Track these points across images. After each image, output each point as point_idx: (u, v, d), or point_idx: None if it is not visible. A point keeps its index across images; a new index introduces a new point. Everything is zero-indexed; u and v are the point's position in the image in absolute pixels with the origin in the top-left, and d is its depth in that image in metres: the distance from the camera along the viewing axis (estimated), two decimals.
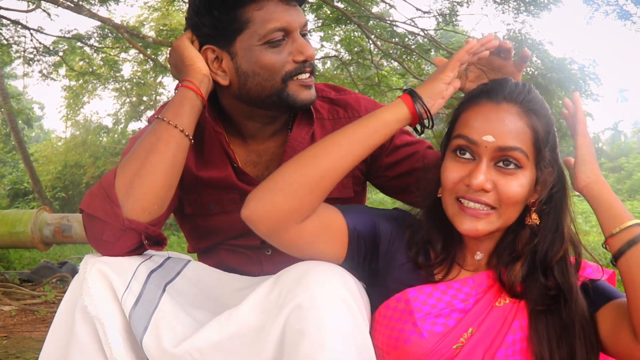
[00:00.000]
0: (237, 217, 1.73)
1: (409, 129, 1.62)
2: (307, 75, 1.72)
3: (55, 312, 1.55)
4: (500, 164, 1.42)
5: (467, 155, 1.44)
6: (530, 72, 8.95)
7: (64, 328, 1.50)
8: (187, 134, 1.59)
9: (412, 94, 1.49)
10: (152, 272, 1.55)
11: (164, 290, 1.53)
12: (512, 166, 1.42)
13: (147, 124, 1.81)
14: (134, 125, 22.47)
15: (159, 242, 1.59)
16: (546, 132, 1.45)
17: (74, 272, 6.43)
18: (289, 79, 1.69)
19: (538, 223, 1.48)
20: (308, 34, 1.76)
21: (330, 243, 1.49)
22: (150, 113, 21.73)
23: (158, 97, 21.64)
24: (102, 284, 1.47)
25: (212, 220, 1.87)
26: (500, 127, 1.41)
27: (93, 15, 8.41)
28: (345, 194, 1.90)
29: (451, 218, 1.47)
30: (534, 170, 1.45)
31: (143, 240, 1.54)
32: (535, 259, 1.49)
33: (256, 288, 1.44)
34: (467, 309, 1.49)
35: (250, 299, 1.42)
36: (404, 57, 9.95)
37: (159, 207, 1.56)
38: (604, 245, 1.43)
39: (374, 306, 1.53)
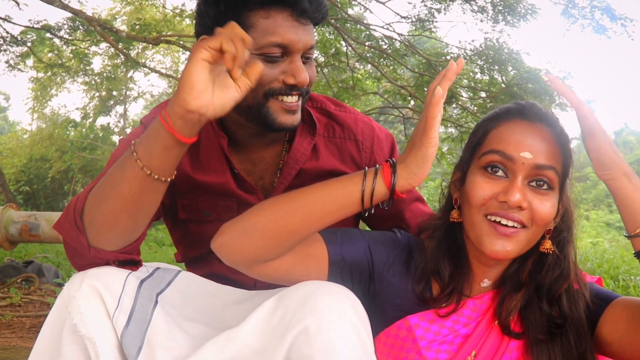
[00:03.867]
0: None
1: None
2: (295, 99, 1.62)
3: (22, 316, 1.46)
4: (534, 183, 1.38)
5: (500, 173, 1.39)
6: (505, 82, 9.01)
7: (49, 351, 1.42)
8: (156, 177, 1.35)
9: (393, 167, 1.37)
10: (142, 281, 1.49)
11: (156, 302, 1.47)
12: (545, 186, 1.39)
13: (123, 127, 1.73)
14: (103, 120, 22.32)
15: (132, 263, 1.52)
16: (571, 158, 1.44)
17: (40, 272, 6.27)
18: (270, 95, 1.59)
19: (551, 251, 1.45)
20: (312, 57, 1.66)
21: (307, 272, 1.44)
22: (120, 108, 21.55)
23: (128, 92, 21.42)
24: (93, 300, 1.40)
25: (206, 227, 1.79)
26: (538, 145, 1.38)
27: (64, 7, 8.23)
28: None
29: (478, 238, 1.40)
30: (558, 195, 1.42)
31: (112, 264, 1.47)
32: (538, 289, 1.46)
33: (257, 307, 1.38)
34: (469, 333, 1.46)
35: (252, 319, 1.35)
36: (380, 60, 9.93)
37: (124, 241, 1.45)
38: (626, 235, 1.38)
39: (373, 332, 1.46)
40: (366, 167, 1.39)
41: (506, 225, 1.37)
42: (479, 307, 1.49)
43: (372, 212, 1.37)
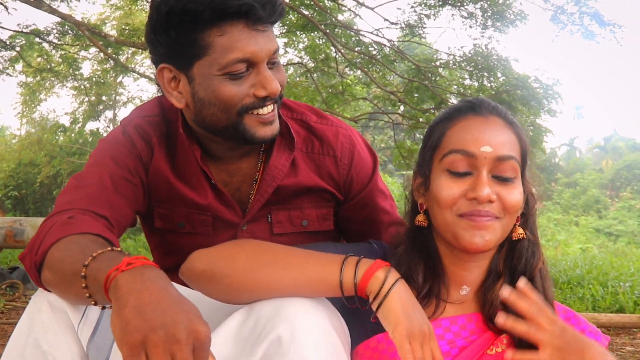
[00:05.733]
0: (207, 240, 1.63)
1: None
2: (269, 109, 1.56)
3: (4, 323, 1.42)
4: (498, 175, 1.39)
5: (464, 170, 1.39)
6: (494, 88, 9.01)
7: None
8: (102, 307, 1.30)
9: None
10: None
11: None
12: (509, 176, 1.39)
13: (110, 127, 1.68)
14: (92, 125, 22.11)
15: None
16: (527, 144, 1.46)
17: (25, 278, 6.21)
18: (244, 112, 1.54)
19: (524, 237, 1.46)
20: (279, 60, 1.60)
21: None
22: (109, 113, 21.47)
23: (118, 97, 21.34)
24: (57, 313, 1.35)
25: (181, 239, 1.76)
26: (495, 137, 1.40)
27: (53, 11, 8.20)
28: (325, 227, 1.80)
29: (455, 236, 1.40)
30: (521, 181, 1.43)
31: None
32: (514, 275, 1.45)
33: (229, 317, 1.34)
34: (453, 352, 1.42)
35: (223, 329, 1.32)
36: (368, 66, 9.93)
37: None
38: None
39: (352, 344, 1.43)
40: (346, 256, 1.35)
41: (480, 217, 1.38)
42: (468, 325, 1.46)
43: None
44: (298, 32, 10.20)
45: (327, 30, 9.14)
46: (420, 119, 9.89)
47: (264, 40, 1.51)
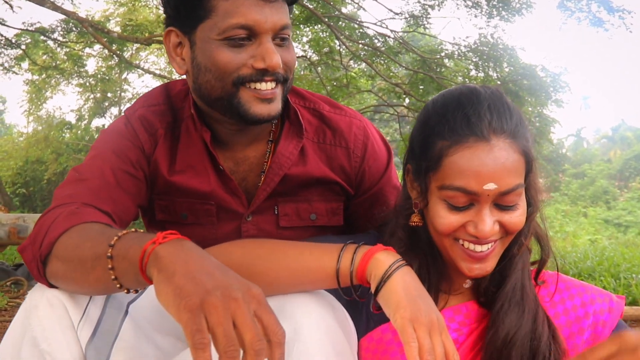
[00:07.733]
0: (210, 231, 1.59)
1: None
2: (270, 86, 1.49)
3: (7, 321, 1.35)
4: (501, 204, 1.29)
5: (463, 205, 1.29)
6: (500, 78, 8.96)
7: None
8: (126, 292, 1.24)
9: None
10: None
11: (126, 312, 1.36)
12: (513, 204, 1.29)
13: (116, 118, 1.62)
14: (98, 122, 22.15)
15: None
16: (532, 153, 1.32)
17: (29, 275, 6.19)
18: (240, 84, 1.47)
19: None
20: (289, 38, 1.52)
21: None
22: (114, 110, 21.51)
23: (123, 94, 21.36)
24: (56, 310, 1.29)
25: (184, 230, 1.68)
26: (500, 170, 1.25)
27: (57, 8, 8.20)
28: (334, 222, 1.74)
29: (453, 261, 1.35)
30: (525, 194, 1.34)
31: None
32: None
33: None
34: (460, 340, 1.39)
35: None
36: (373, 58, 9.88)
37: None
38: None
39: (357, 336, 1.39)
40: (345, 244, 1.28)
41: (481, 251, 1.32)
42: (471, 312, 1.44)
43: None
44: (302, 26, 10.16)
45: (331, 23, 9.10)
46: None
47: (271, 12, 1.46)
